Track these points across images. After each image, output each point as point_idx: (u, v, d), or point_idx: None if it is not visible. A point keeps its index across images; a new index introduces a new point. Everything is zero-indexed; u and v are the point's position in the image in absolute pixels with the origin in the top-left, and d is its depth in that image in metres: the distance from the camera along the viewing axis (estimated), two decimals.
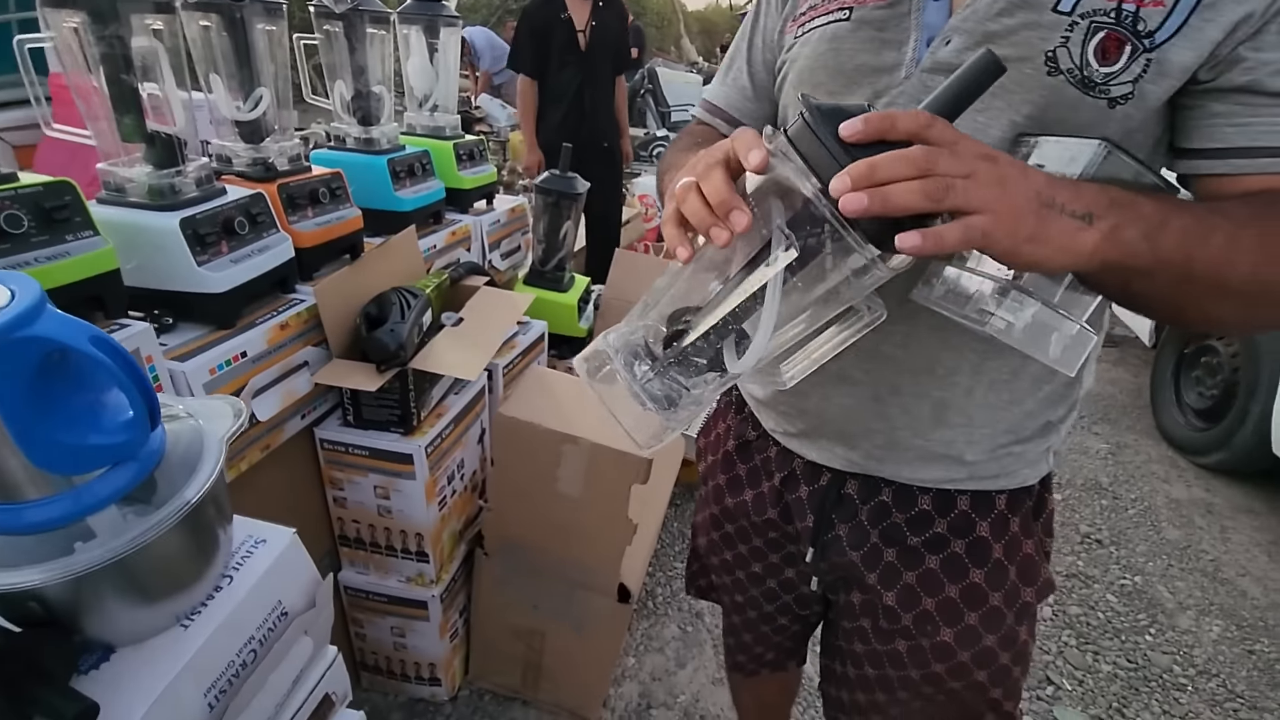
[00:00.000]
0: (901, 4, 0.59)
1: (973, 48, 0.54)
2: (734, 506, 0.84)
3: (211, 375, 0.87)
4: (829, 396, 0.68)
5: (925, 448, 0.67)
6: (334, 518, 1.20)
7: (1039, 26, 0.52)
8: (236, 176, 1.08)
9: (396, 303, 1.09)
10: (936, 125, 0.43)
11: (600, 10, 2.73)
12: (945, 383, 0.64)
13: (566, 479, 1.15)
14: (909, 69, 0.58)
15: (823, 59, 0.63)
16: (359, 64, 1.30)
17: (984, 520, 0.69)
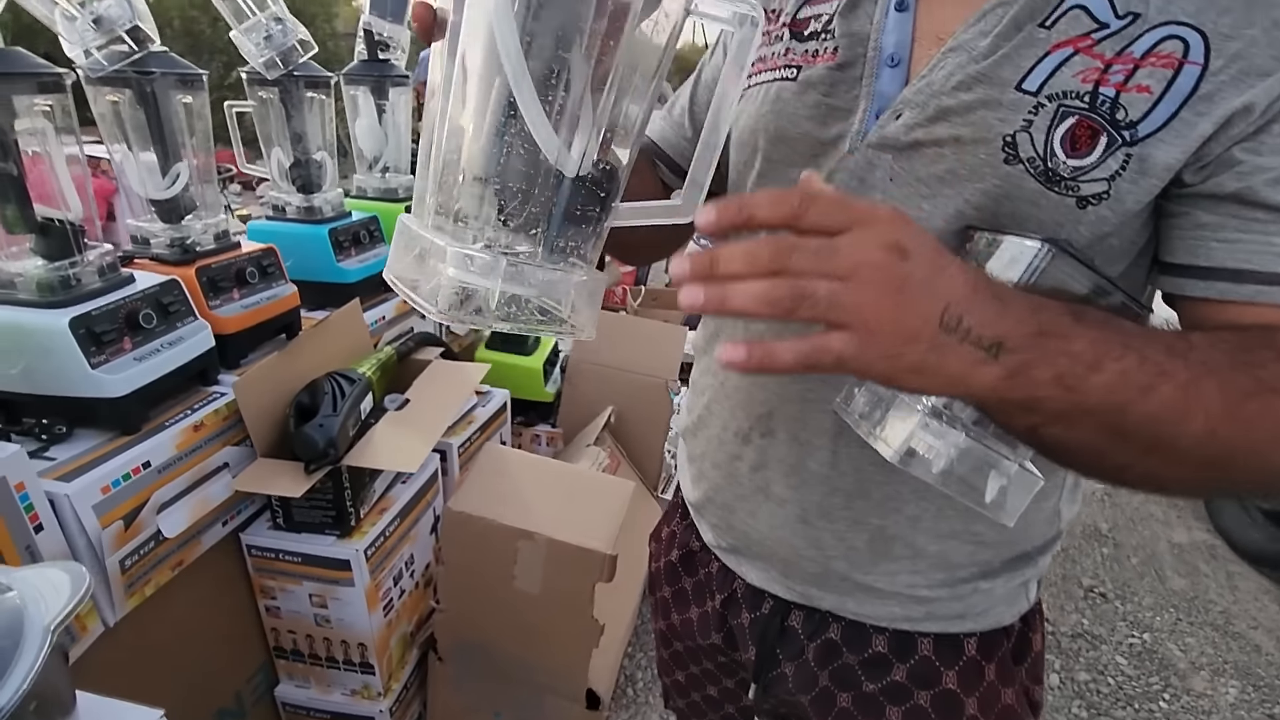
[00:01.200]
0: (853, 67, 0.52)
1: (924, 123, 0.47)
2: (680, 625, 0.74)
3: (104, 494, 0.77)
4: (754, 513, 0.60)
5: (868, 582, 0.57)
6: (267, 628, 1.08)
7: (998, 106, 0.45)
8: (152, 260, 0.99)
9: (330, 391, 0.99)
10: (816, 208, 0.34)
11: None
12: (884, 509, 0.54)
13: (524, 576, 1.04)
14: (854, 142, 0.51)
15: (764, 121, 0.56)
16: (297, 130, 1.23)
17: (950, 669, 0.58)
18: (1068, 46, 0.44)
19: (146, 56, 0.90)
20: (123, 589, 0.80)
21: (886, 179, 0.49)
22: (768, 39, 0.59)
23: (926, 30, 0.50)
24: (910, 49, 0.50)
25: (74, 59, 0.87)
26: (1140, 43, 0.42)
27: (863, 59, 0.51)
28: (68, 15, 0.85)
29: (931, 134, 0.47)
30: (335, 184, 1.32)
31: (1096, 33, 0.43)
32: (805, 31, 0.55)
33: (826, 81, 0.53)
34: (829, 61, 0.53)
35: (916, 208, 0.48)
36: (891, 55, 0.50)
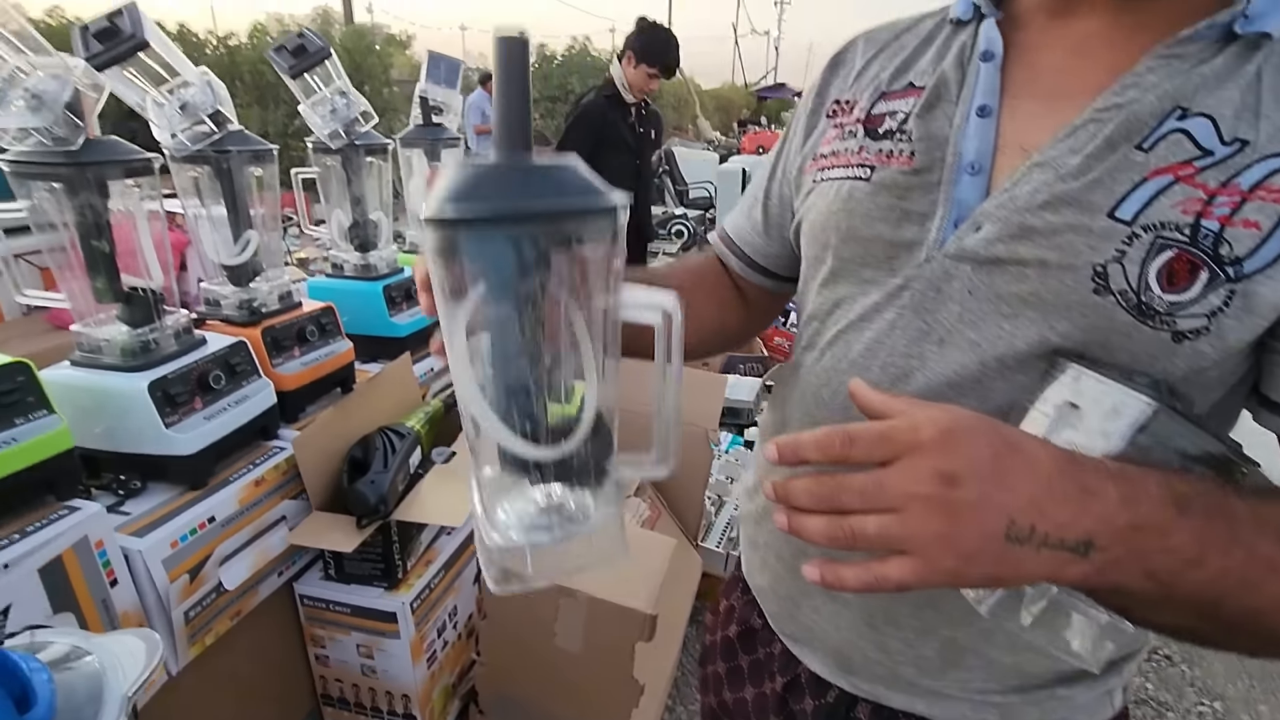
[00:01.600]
0: (931, 172, 0.49)
1: (1006, 239, 0.45)
2: (733, 704, 0.72)
3: (173, 549, 0.81)
4: (818, 610, 0.58)
5: (938, 688, 0.54)
6: (316, 676, 1.11)
7: (1089, 232, 0.42)
8: (222, 321, 1.05)
9: (381, 447, 1.03)
10: (858, 448, 0.35)
11: (644, 116, 2.92)
12: (955, 621, 0.51)
13: (565, 634, 1.05)
14: (930, 250, 0.49)
15: (835, 219, 0.54)
16: (356, 193, 1.30)
17: None
18: (1167, 174, 0.41)
19: (225, 136, 0.98)
20: (186, 639, 0.84)
21: (965, 291, 0.47)
22: (840, 133, 0.57)
23: (1010, 139, 0.47)
24: (992, 157, 0.48)
25: (161, 141, 0.95)
26: (1248, 174, 0.39)
27: (941, 164, 0.49)
28: (158, 103, 0.93)
29: (1014, 252, 0.45)
30: (390, 242, 1.38)
31: (1199, 160, 0.40)
32: (880, 129, 0.53)
33: (901, 185, 0.51)
34: (904, 165, 0.51)
35: (997, 326, 0.46)
36: (972, 163, 0.48)
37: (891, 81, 0.55)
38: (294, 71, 1.13)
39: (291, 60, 1.12)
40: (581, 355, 0.36)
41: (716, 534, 1.87)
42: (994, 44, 0.50)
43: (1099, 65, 0.45)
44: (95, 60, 0.80)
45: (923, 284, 0.49)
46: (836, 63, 0.62)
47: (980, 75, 0.50)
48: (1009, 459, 0.35)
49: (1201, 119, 0.41)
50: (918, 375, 0.49)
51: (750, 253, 0.69)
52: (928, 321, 0.49)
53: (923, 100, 0.51)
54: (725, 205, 5.84)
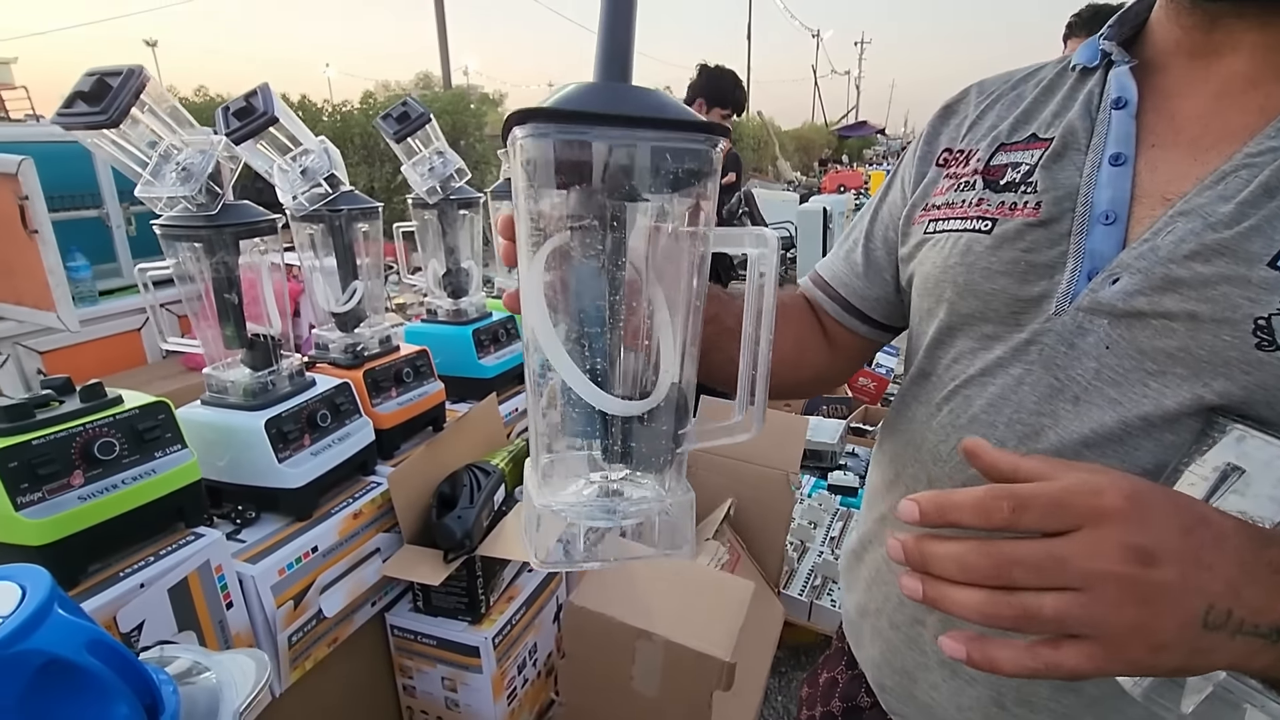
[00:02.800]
0: (1059, 222, 0.47)
1: (1149, 292, 0.42)
2: None
3: (280, 576, 0.87)
4: (937, 687, 0.54)
5: None
6: (404, 706, 1.14)
7: (1247, 284, 0.39)
8: (329, 364, 1.14)
9: (468, 484, 1.07)
10: (1031, 515, 0.31)
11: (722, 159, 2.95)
12: (1100, 708, 0.46)
13: (642, 677, 1.04)
14: (1060, 304, 0.47)
15: (952, 273, 0.52)
16: (450, 244, 1.39)
17: None
18: None
19: (339, 196, 1.08)
20: (288, 663, 0.90)
21: (1102, 346, 0.45)
22: (955, 183, 0.56)
23: (1149, 188, 0.45)
24: (1129, 207, 0.46)
25: (284, 202, 1.06)
26: None
27: (1070, 214, 0.47)
28: (283, 169, 1.04)
29: (1158, 305, 0.42)
30: (480, 289, 1.46)
31: None
32: (1001, 181, 0.52)
33: (1026, 237, 0.49)
34: (1029, 216, 0.49)
35: (1141, 384, 0.43)
36: (1106, 213, 0.46)
37: (1012, 133, 0.54)
38: (398, 136, 1.23)
39: (396, 126, 1.23)
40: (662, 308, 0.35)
41: (799, 581, 1.81)
42: (1127, 90, 0.48)
43: (1248, 108, 0.43)
44: (234, 135, 0.90)
45: (1053, 339, 0.47)
46: (948, 112, 0.61)
47: (1112, 123, 0.48)
48: (1201, 533, 0.31)
49: None
50: (1050, 433, 0.46)
51: (847, 295, 0.67)
52: (1059, 378, 0.46)
53: (1049, 151, 0.50)
54: (806, 244, 5.77)
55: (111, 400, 0.77)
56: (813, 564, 1.86)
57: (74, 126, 0.77)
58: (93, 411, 0.74)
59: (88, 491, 0.72)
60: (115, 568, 0.74)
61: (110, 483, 0.74)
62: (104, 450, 0.73)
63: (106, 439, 0.74)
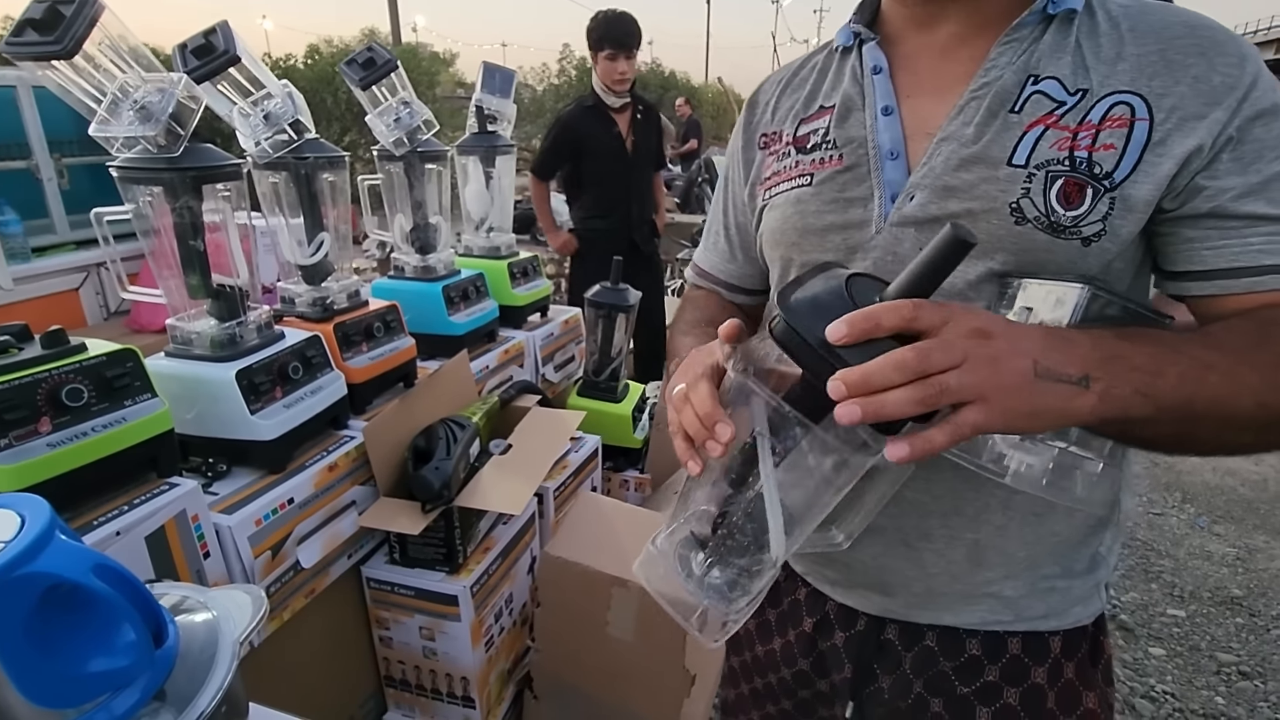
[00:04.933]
0: (860, 165, 0.62)
1: (936, 200, 0.57)
2: (763, 656, 0.77)
3: (257, 526, 0.86)
4: (857, 546, 0.63)
5: (965, 591, 0.64)
6: (380, 657, 1.16)
7: (997, 180, 0.54)
8: (297, 318, 1.12)
9: (444, 436, 1.08)
10: (922, 313, 0.42)
11: (639, 123, 2.77)
12: (977, 523, 0.62)
13: (617, 623, 1.07)
14: (878, 224, 0.60)
15: (790, 221, 0.65)
16: (417, 198, 1.36)
17: (1040, 665, 0.64)
18: (1039, 125, 0.54)
19: (303, 143, 1.05)
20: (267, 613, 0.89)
21: (916, 248, 0.56)
22: (775, 157, 0.69)
23: (914, 128, 0.60)
24: (904, 144, 0.60)
25: (246, 148, 1.03)
26: (1095, 111, 0.52)
27: (865, 158, 0.61)
28: (244, 113, 1.00)
29: (945, 208, 0.56)
30: (448, 245, 1.44)
31: (1058, 110, 0.53)
32: (809, 145, 0.66)
33: (838, 179, 0.62)
34: (836, 165, 0.63)
35: None
36: (890, 150, 0.60)
37: (805, 108, 0.68)
38: (364, 83, 1.20)
39: (362, 72, 1.19)
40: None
41: None
42: (879, 60, 0.63)
43: (963, 60, 0.59)
44: (195, 74, 0.87)
45: (880, 252, 0.60)
46: (753, 104, 0.75)
47: (876, 85, 0.63)
48: (1009, 324, 0.45)
49: (1050, 80, 0.54)
50: None
51: (726, 279, 0.81)
52: (890, 279, 0.58)
53: (836, 113, 0.64)
54: None
55: (75, 347, 0.75)
56: None
57: (24, 57, 0.73)
58: (58, 358, 0.72)
59: (57, 439, 0.70)
60: (89, 516, 0.73)
61: (79, 430, 0.72)
62: (72, 397, 0.71)
63: (74, 385, 0.72)
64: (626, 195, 2.78)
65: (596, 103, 2.70)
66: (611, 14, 2.63)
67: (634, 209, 2.81)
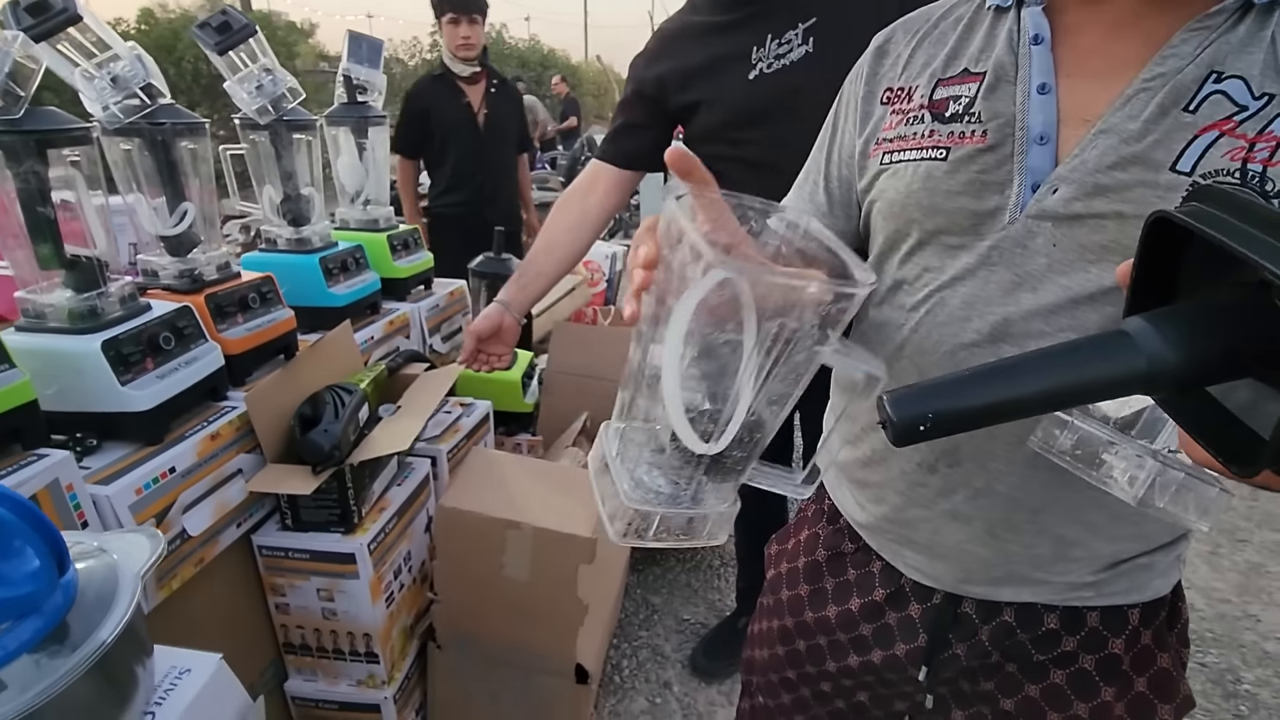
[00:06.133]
0: (1003, 146, 0.56)
1: (1082, 198, 0.52)
2: (814, 622, 0.78)
3: (138, 495, 0.86)
4: (939, 531, 0.64)
5: (1047, 576, 0.63)
6: (277, 625, 1.16)
7: (1156, 186, 0.49)
8: (164, 290, 1.09)
9: (330, 402, 1.09)
10: None
11: (493, 96, 2.69)
12: (1066, 519, 0.60)
13: (513, 564, 1.15)
14: (1013, 214, 0.56)
15: (916, 197, 0.60)
16: (286, 169, 1.34)
17: (1118, 637, 0.65)
18: (1213, 130, 0.48)
19: (157, 109, 1.01)
20: (154, 583, 0.89)
21: (1050, 244, 0.54)
22: (904, 119, 0.62)
23: (1070, 112, 0.54)
24: (1057, 128, 0.54)
25: (93, 113, 0.98)
26: (1279, 122, 0.47)
27: (1011, 139, 0.55)
28: (87, 75, 0.96)
29: (1091, 208, 0.52)
30: (323, 216, 1.43)
31: (1238, 115, 0.47)
32: (946, 113, 0.59)
33: (978, 161, 0.57)
34: (978, 144, 0.57)
35: (1083, 271, 0.53)
36: (1041, 135, 0.54)
37: (946, 69, 0.61)
38: (220, 48, 1.16)
39: (217, 36, 1.16)
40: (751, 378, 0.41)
41: None
42: (1042, 28, 0.56)
43: (1137, 41, 0.52)
44: (31, 31, 0.83)
45: (1009, 243, 0.56)
46: (881, 53, 0.68)
47: (1034, 57, 0.56)
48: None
49: (1235, 80, 0.48)
50: (1015, 318, 0.56)
51: None
52: (1018, 274, 0.56)
53: (985, 83, 0.57)
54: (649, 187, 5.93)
55: None
56: None
57: None
58: None
59: None
60: None
61: None
62: None
63: None
64: (477, 170, 2.68)
65: (445, 72, 2.59)
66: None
67: (486, 185, 2.70)
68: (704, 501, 0.44)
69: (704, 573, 2.10)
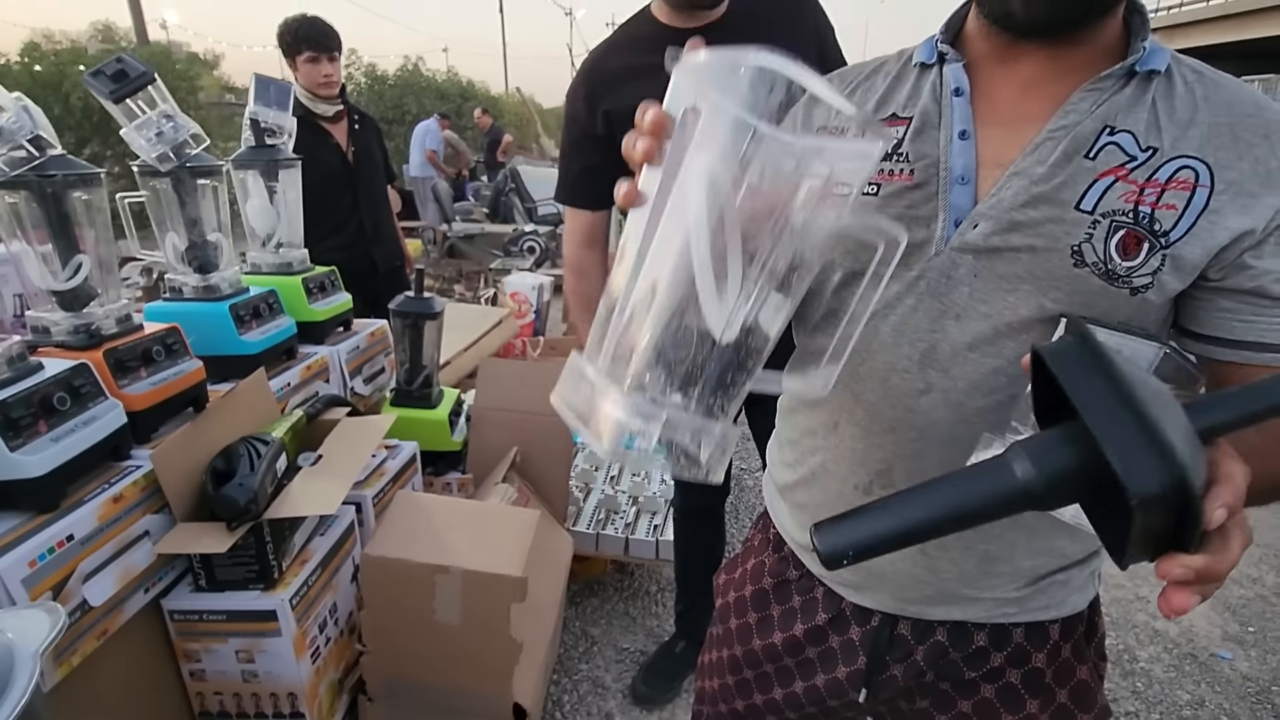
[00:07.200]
0: (929, 185, 0.62)
1: (1000, 232, 0.59)
2: (762, 650, 0.81)
3: (31, 569, 0.81)
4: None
5: (975, 594, 0.69)
6: (192, 694, 1.10)
7: (1063, 222, 0.56)
8: (57, 347, 1.04)
9: (245, 454, 1.06)
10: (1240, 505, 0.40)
11: (358, 133, 2.59)
12: (988, 536, 0.65)
13: (444, 609, 1.14)
14: (939, 246, 0.62)
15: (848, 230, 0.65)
16: (191, 216, 1.30)
17: (1040, 651, 0.71)
18: (1109, 175, 0.56)
19: (48, 161, 0.98)
20: (52, 661, 0.84)
21: (971, 275, 0.60)
22: None
23: (987, 156, 0.61)
24: (976, 170, 0.61)
25: None
26: (1162, 171, 0.55)
27: (936, 178, 0.61)
28: None
29: (1008, 241, 0.58)
30: (232, 262, 1.39)
31: (1128, 164, 0.55)
32: None
33: (906, 197, 0.63)
34: (906, 180, 0.63)
35: (1002, 300, 0.59)
36: (961, 175, 0.61)
37: (876, 112, 0.67)
38: (115, 96, 1.13)
39: (112, 85, 1.12)
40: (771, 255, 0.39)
41: (586, 516, 2.01)
42: (963, 83, 0.63)
43: (1043, 98, 0.59)
44: None
45: (935, 274, 0.61)
46: (814, 99, 0.70)
47: (955, 107, 0.62)
48: None
49: (1125, 134, 0.56)
50: (942, 346, 0.62)
51: None
52: (943, 303, 0.61)
53: (913, 128, 0.64)
54: None
55: None
56: (598, 500, 2.07)
57: None
58: None
59: None
60: None
61: None
62: None
63: None
64: (355, 210, 2.58)
65: (305, 114, 2.38)
66: (304, 16, 2.44)
67: (366, 224, 2.60)
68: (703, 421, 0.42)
69: (641, 600, 2.11)
